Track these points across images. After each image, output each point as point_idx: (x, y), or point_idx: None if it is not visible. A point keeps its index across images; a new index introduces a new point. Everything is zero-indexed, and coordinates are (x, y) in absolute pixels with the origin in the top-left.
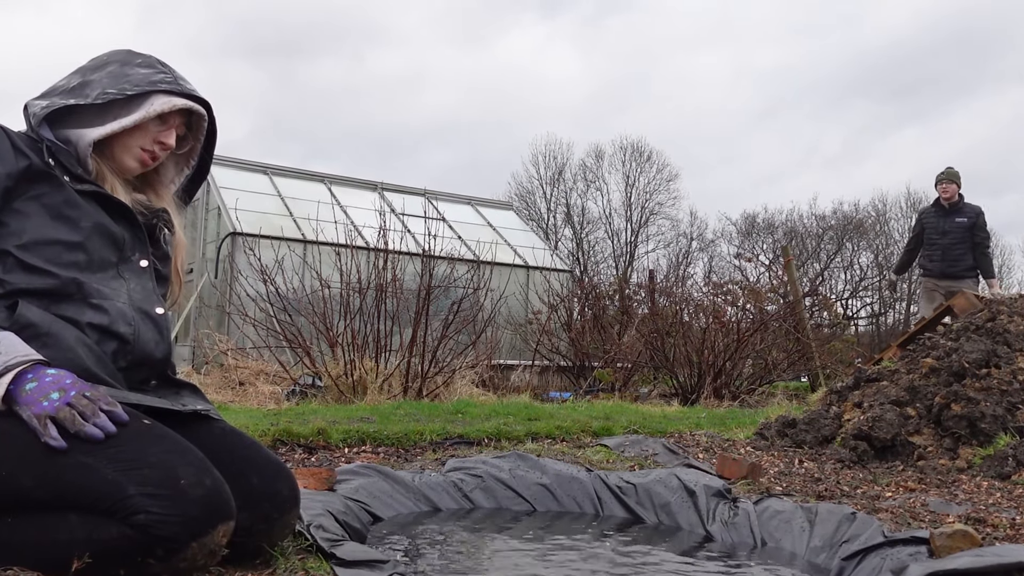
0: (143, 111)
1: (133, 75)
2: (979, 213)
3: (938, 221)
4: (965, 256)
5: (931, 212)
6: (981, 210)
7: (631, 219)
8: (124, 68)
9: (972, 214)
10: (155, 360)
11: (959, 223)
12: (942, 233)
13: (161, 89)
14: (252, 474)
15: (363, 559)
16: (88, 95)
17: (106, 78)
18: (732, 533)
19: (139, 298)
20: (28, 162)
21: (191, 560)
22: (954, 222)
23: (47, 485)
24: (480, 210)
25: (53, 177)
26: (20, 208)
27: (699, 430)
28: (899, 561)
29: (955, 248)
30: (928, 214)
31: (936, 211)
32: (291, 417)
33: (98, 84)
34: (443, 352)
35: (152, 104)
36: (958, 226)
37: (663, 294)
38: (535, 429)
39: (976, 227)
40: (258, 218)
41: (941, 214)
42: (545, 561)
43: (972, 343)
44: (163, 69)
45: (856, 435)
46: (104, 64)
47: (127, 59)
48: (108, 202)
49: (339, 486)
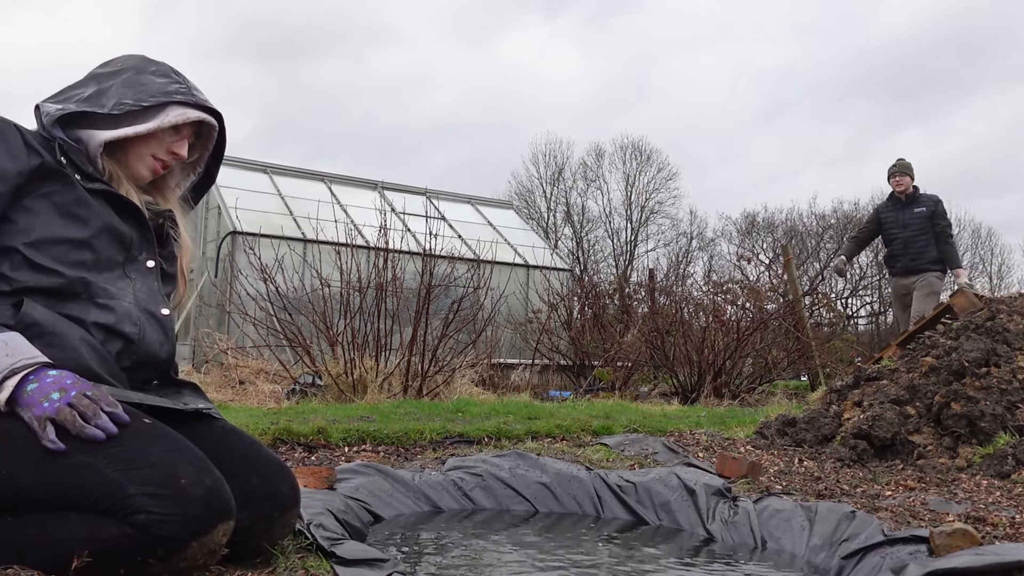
0: (157, 121)
1: (149, 84)
2: (937, 202)
3: (896, 214)
4: (928, 248)
5: (888, 207)
6: (939, 199)
7: (631, 218)
8: (139, 76)
9: (930, 203)
10: (159, 360)
11: (918, 213)
12: (902, 226)
13: (176, 100)
14: (252, 473)
15: (363, 558)
16: (104, 104)
17: (121, 86)
18: (732, 532)
19: (145, 298)
20: (40, 160)
21: (191, 560)
22: (912, 213)
23: (48, 485)
24: (480, 209)
25: (64, 175)
26: (30, 206)
27: (699, 429)
28: (899, 560)
29: (917, 240)
30: (886, 209)
31: (893, 205)
32: (291, 416)
33: (114, 93)
34: (443, 351)
35: (167, 115)
36: (917, 216)
37: (663, 293)
38: (535, 428)
39: (936, 215)
40: (258, 217)
41: (898, 207)
42: (545, 561)
43: (972, 342)
44: (178, 79)
45: (856, 434)
46: (119, 71)
47: (142, 66)
48: (118, 201)
49: (339, 485)
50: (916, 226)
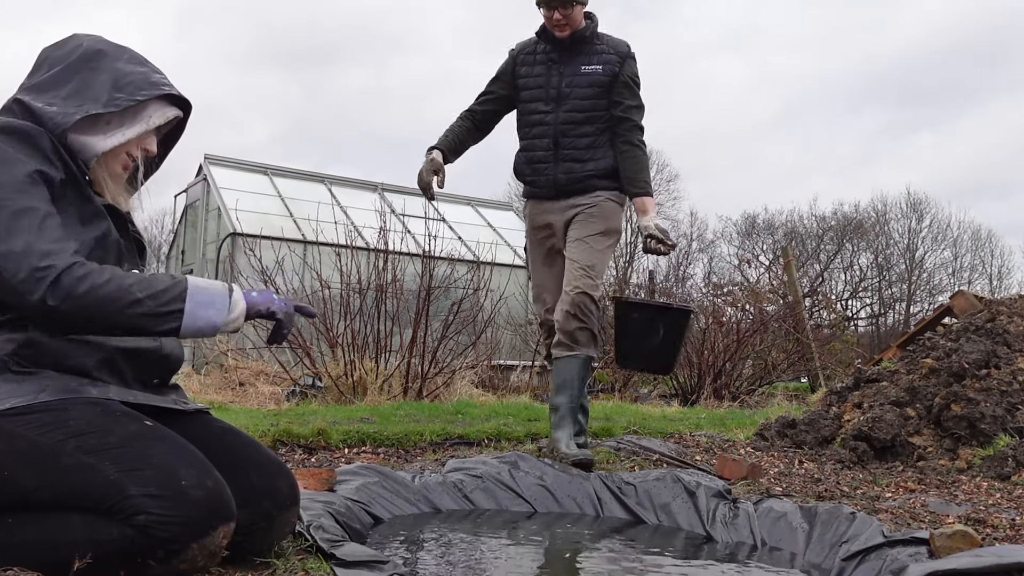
0: (143, 124)
1: (132, 76)
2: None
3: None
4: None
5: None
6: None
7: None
8: (117, 65)
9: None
10: (172, 364)
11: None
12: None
13: (163, 93)
14: (252, 472)
15: (363, 560)
16: (99, 99)
17: (106, 78)
18: (732, 534)
19: None
20: (69, 173)
21: (191, 561)
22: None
23: (49, 486)
24: (480, 211)
25: (81, 186)
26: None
27: (699, 431)
28: (899, 561)
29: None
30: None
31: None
32: (291, 418)
33: (102, 87)
34: (443, 353)
35: (151, 116)
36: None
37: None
38: (535, 430)
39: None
40: (258, 219)
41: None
42: (545, 560)
43: (972, 344)
44: (153, 67)
45: (856, 436)
46: (88, 58)
47: (115, 53)
48: (115, 213)
49: (339, 487)
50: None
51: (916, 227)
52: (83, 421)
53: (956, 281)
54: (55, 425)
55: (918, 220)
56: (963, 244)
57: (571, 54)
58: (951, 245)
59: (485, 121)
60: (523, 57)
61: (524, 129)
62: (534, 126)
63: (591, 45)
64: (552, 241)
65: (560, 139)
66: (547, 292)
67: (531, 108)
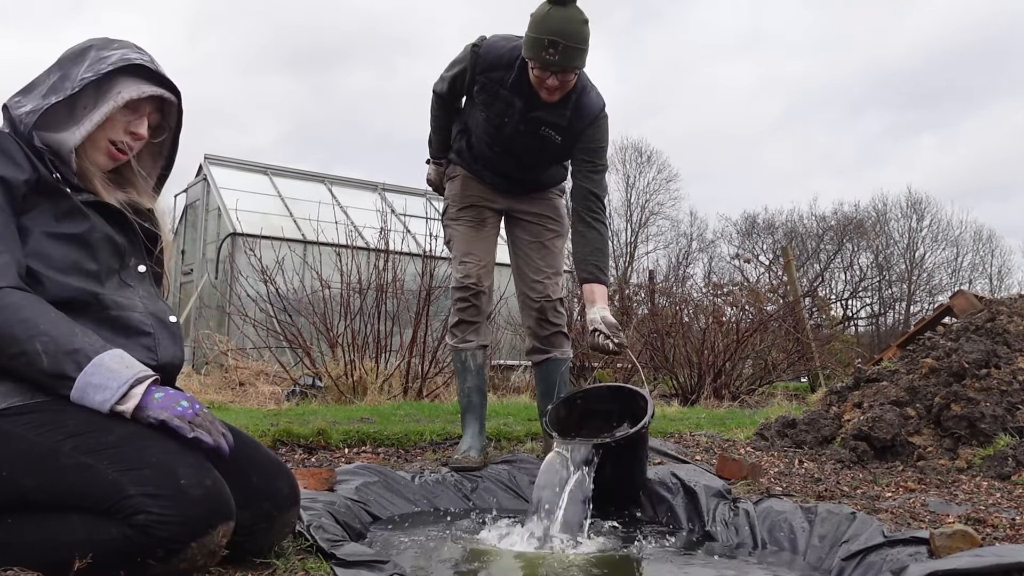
0: (111, 102)
1: (109, 57)
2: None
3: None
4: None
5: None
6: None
7: (631, 219)
8: (100, 52)
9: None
10: (173, 367)
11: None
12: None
13: (130, 67)
14: (252, 472)
15: (363, 559)
16: (67, 88)
17: (85, 67)
18: (732, 533)
19: (152, 305)
20: (38, 174)
21: (191, 561)
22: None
23: (48, 486)
24: None
25: (57, 188)
26: (32, 220)
27: (699, 430)
28: (899, 561)
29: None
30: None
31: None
32: (291, 417)
33: (76, 76)
34: (443, 353)
35: (120, 93)
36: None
37: (663, 294)
38: (535, 429)
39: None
40: (258, 218)
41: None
42: (545, 560)
43: (972, 343)
44: (138, 49)
45: (856, 435)
46: (81, 52)
47: (104, 45)
48: (106, 209)
49: (339, 486)
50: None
51: (916, 227)
52: (81, 421)
53: (956, 281)
54: (53, 425)
55: (918, 220)
56: (963, 244)
57: (536, 109)
58: (951, 245)
59: (454, 106)
60: (483, 80)
61: (475, 128)
62: (483, 135)
63: (561, 109)
64: (487, 214)
65: (507, 165)
66: (473, 257)
67: (482, 126)
